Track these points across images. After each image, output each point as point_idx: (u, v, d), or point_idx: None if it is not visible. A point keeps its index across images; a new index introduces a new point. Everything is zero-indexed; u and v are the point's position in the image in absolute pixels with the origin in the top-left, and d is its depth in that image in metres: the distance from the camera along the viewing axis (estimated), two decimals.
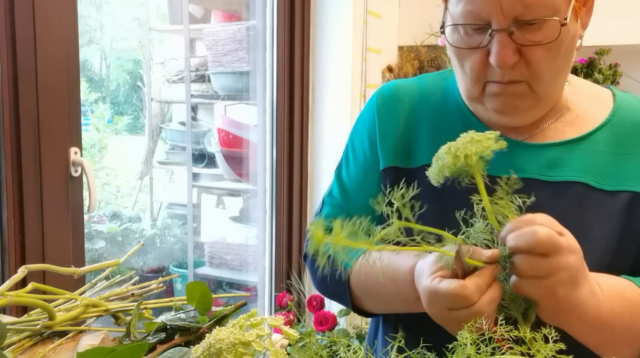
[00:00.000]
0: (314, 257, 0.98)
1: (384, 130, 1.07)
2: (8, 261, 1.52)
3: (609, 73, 2.71)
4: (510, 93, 0.92)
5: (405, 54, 2.99)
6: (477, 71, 0.92)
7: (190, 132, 3.07)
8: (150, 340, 0.83)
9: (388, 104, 1.09)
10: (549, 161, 0.96)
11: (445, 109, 1.05)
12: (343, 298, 1.06)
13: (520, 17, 0.85)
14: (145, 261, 3.46)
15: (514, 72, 0.89)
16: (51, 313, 0.84)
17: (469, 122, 1.02)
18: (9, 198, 1.50)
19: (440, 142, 0.98)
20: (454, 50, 0.94)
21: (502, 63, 0.87)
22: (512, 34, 0.86)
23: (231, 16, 3.07)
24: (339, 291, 1.06)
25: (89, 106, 3.39)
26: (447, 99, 1.06)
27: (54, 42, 1.56)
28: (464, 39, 0.91)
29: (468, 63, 0.92)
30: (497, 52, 0.87)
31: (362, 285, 1.02)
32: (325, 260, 0.76)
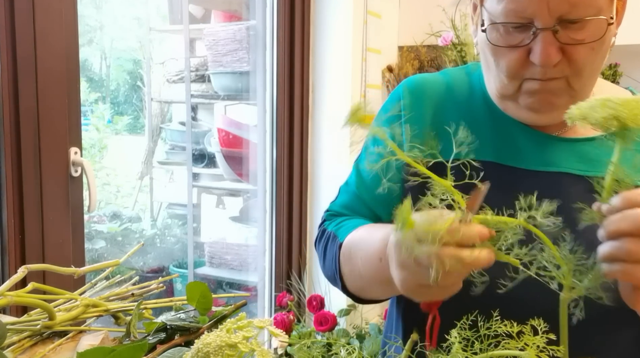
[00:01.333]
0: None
1: (412, 122, 1.05)
2: (8, 261, 1.52)
3: (609, 73, 2.70)
4: (549, 90, 0.91)
5: (405, 54, 2.99)
6: (515, 69, 0.91)
7: (190, 132, 3.07)
8: (150, 340, 0.83)
9: (414, 98, 1.07)
10: (582, 156, 0.96)
11: (471, 104, 1.05)
12: (335, 274, 1.03)
13: (565, 16, 0.85)
14: (145, 261, 3.46)
15: (554, 70, 0.89)
16: (51, 313, 0.84)
17: (497, 117, 1.02)
18: (9, 198, 1.50)
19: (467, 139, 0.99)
20: (491, 48, 0.93)
21: (546, 62, 0.87)
22: (557, 32, 0.86)
23: (231, 16, 3.07)
24: (332, 271, 1.04)
25: (89, 106, 3.39)
26: (473, 94, 1.06)
27: (54, 42, 1.56)
28: (504, 37, 0.90)
29: (505, 61, 0.92)
30: (541, 51, 0.87)
31: (346, 256, 1.00)
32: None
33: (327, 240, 1.06)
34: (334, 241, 1.03)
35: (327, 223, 1.10)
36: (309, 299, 2.56)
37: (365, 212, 1.08)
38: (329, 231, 1.07)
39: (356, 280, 0.99)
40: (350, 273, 0.99)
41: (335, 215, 1.11)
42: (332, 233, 1.05)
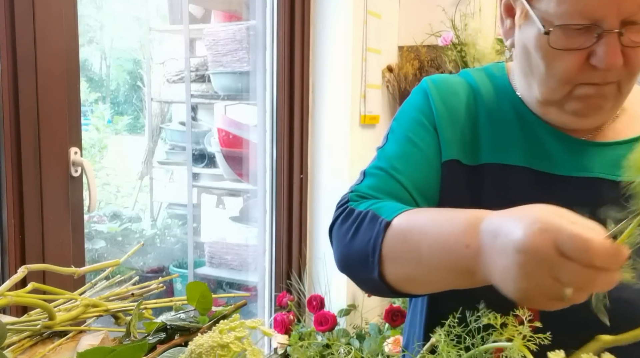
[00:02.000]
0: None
1: (443, 119, 1.01)
2: (8, 261, 1.52)
3: None
4: (602, 94, 0.89)
5: (405, 54, 2.99)
6: (572, 73, 0.88)
7: (190, 132, 3.07)
8: (150, 340, 0.83)
9: (444, 95, 1.03)
10: (614, 161, 0.93)
11: (499, 107, 1.02)
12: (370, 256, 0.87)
13: (629, 18, 0.83)
14: (145, 261, 3.46)
15: (612, 73, 0.87)
16: (51, 313, 0.84)
17: (526, 121, 1.00)
18: (9, 198, 1.50)
19: (499, 141, 0.98)
20: (545, 51, 0.89)
21: (612, 65, 0.84)
22: (621, 35, 0.84)
23: (231, 16, 3.07)
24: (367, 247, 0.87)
25: (89, 106, 3.39)
26: (499, 96, 1.03)
27: (54, 42, 1.56)
28: (562, 40, 0.86)
29: (561, 65, 0.88)
30: (607, 55, 0.84)
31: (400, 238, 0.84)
32: None
33: (361, 219, 0.91)
34: (375, 220, 0.88)
35: (354, 203, 0.96)
36: (309, 299, 2.56)
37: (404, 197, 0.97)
38: (363, 210, 0.92)
39: (409, 264, 0.84)
40: (401, 257, 0.84)
41: (364, 197, 0.97)
42: (370, 212, 0.90)
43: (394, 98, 3.00)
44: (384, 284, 0.86)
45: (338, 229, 0.96)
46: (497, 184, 0.96)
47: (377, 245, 0.85)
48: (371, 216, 0.89)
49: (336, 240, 0.96)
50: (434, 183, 0.99)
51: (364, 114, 2.74)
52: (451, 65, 2.80)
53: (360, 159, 2.72)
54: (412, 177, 0.97)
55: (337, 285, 2.68)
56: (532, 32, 0.91)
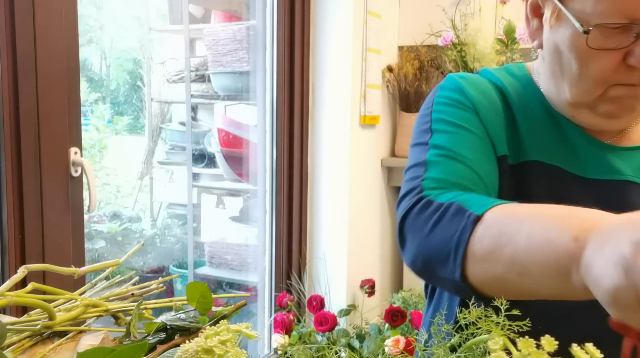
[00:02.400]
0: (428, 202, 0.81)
1: (487, 116, 0.97)
2: (8, 261, 1.52)
3: None
4: (635, 95, 0.89)
5: (405, 54, 2.99)
6: (607, 73, 0.87)
7: (190, 132, 3.07)
8: (150, 340, 0.83)
9: (481, 92, 0.99)
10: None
11: (530, 107, 1.01)
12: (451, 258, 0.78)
13: None
14: (145, 261, 3.47)
15: None
16: (51, 313, 0.84)
17: (557, 122, 0.99)
18: (9, 198, 1.50)
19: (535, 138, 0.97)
20: (581, 51, 0.87)
21: None
22: None
23: (231, 16, 3.07)
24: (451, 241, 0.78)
25: (89, 106, 3.39)
26: (528, 97, 1.02)
27: (54, 42, 1.56)
28: (599, 40, 0.85)
29: (597, 65, 0.87)
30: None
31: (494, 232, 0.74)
32: None
33: (443, 211, 0.81)
34: (461, 213, 0.79)
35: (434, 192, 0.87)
36: (309, 299, 2.56)
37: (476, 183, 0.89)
38: (444, 202, 0.83)
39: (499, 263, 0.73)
40: (491, 254, 0.74)
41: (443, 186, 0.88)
42: (454, 204, 0.81)
43: (394, 98, 3.00)
44: (467, 286, 0.78)
45: (414, 221, 0.85)
46: (535, 181, 0.95)
47: (463, 241, 0.76)
48: (456, 208, 0.80)
49: (411, 233, 0.86)
50: (494, 172, 0.94)
51: (364, 114, 2.74)
52: (451, 65, 2.80)
53: (360, 159, 2.72)
54: (481, 165, 0.91)
55: (337, 285, 2.68)
56: (566, 32, 0.89)
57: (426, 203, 0.84)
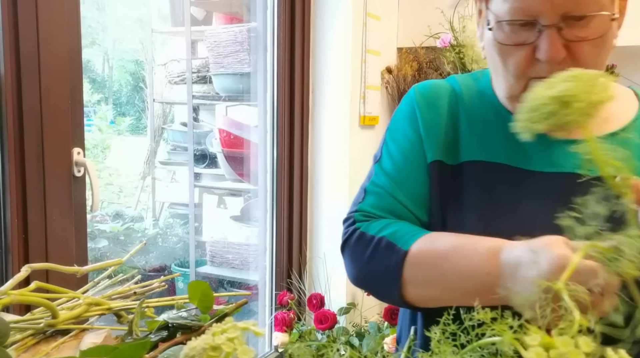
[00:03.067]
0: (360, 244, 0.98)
1: (427, 124, 1.06)
2: (11, 261, 1.53)
3: None
4: None
5: (404, 56, 3.00)
6: (522, 68, 0.93)
7: (191, 132, 3.08)
8: (152, 338, 0.83)
9: (428, 100, 1.08)
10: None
11: (481, 109, 1.06)
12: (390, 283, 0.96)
13: (569, 13, 0.87)
14: (147, 260, 3.48)
15: (560, 67, 0.89)
16: (54, 311, 0.85)
17: (506, 120, 1.01)
18: (12, 197, 1.51)
19: (480, 139, 1.03)
20: (499, 48, 0.95)
21: (551, 58, 0.89)
22: (561, 29, 0.88)
23: (232, 18, 3.08)
24: (387, 274, 0.96)
25: (92, 107, 3.40)
26: (482, 99, 1.07)
27: (56, 44, 1.57)
28: (510, 36, 0.92)
29: (512, 60, 0.94)
30: (546, 48, 0.89)
31: (422, 265, 0.93)
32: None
33: (376, 245, 0.99)
34: (391, 249, 0.96)
35: (364, 224, 1.04)
36: (309, 298, 2.57)
37: (403, 213, 1.05)
38: (374, 235, 1.00)
39: (432, 288, 0.94)
40: (423, 282, 0.94)
41: (371, 216, 1.05)
42: (382, 239, 0.98)
43: (393, 99, 3.01)
44: (407, 304, 0.96)
45: (352, 251, 1.03)
46: (477, 180, 1.00)
47: (398, 273, 0.94)
48: (386, 243, 0.97)
49: (351, 261, 1.03)
50: (426, 190, 1.05)
51: (364, 115, 2.75)
52: (449, 66, 2.81)
53: (359, 160, 2.73)
54: (408, 190, 1.04)
55: (336, 284, 2.69)
56: (489, 32, 0.96)
57: (360, 235, 1.02)
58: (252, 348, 0.59)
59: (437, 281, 0.92)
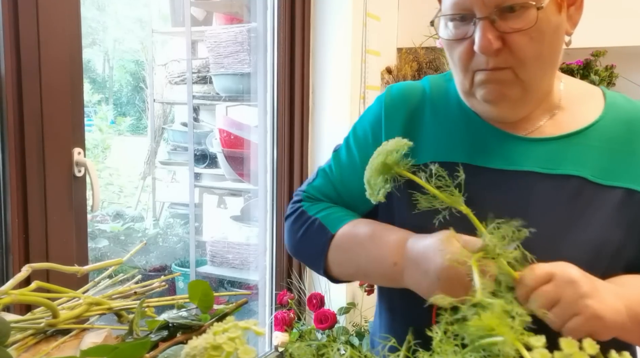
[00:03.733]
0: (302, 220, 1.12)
1: (389, 127, 1.10)
2: (12, 260, 1.53)
3: (605, 74, 2.71)
4: (496, 80, 0.95)
5: (404, 56, 3.00)
6: (464, 61, 0.95)
7: (192, 133, 3.08)
8: (153, 338, 0.83)
9: (395, 103, 1.11)
10: (546, 155, 0.99)
11: (447, 108, 1.08)
12: (317, 259, 1.10)
13: (500, 5, 0.89)
14: (147, 260, 3.48)
15: (498, 59, 0.92)
16: (55, 311, 0.85)
17: (470, 120, 1.05)
18: (13, 197, 1.51)
19: (442, 139, 1.05)
20: (445, 43, 0.99)
21: (484, 49, 0.91)
22: (494, 21, 0.90)
23: (232, 18, 3.08)
24: (315, 252, 1.10)
25: (92, 107, 3.41)
26: (448, 98, 1.09)
27: (57, 44, 1.57)
28: (453, 32, 0.95)
29: (457, 54, 0.96)
30: (479, 39, 0.91)
31: (343, 248, 1.06)
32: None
33: (308, 225, 1.12)
34: (322, 230, 1.09)
35: (306, 204, 1.16)
36: (309, 297, 2.57)
37: (339, 202, 1.16)
38: (311, 216, 1.13)
39: (349, 269, 1.08)
40: (343, 263, 1.08)
41: (313, 199, 1.18)
42: (316, 221, 1.11)
43: None
44: (332, 278, 1.12)
45: (291, 226, 1.17)
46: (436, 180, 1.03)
47: (323, 253, 1.08)
48: (318, 225, 1.10)
49: (288, 234, 1.18)
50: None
51: None
52: (449, 67, 2.80)
53: None
54: (352, 186, 1.13)
55: (336, 284, 2.69)
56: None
57: (300, 213, 1.15)
58: (253, 348, 0.59)
59: (353, 264, 1.06)
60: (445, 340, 0.72)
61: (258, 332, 0.64)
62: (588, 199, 0.95)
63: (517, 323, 0.67)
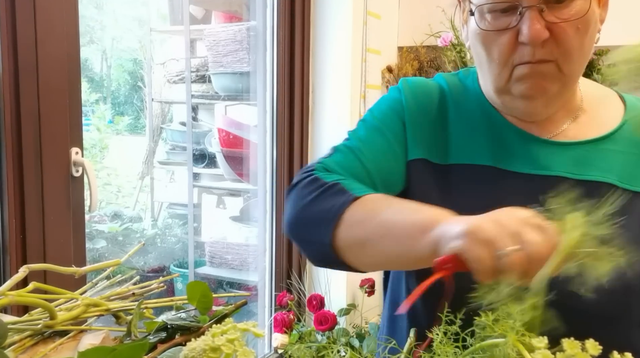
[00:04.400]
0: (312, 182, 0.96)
1: (414, 120, 1.05)
2: (9, 261, 1.53)
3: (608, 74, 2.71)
4: (539, 74, 0.92)
5: (405, 55, 2.99)
6: (506, 54, 0.93)
7: (190, 132, 3.07)
8: (151, 339, 0.83)
9: (416, 96, 1.07)
10: (575, 160, 0.97)
11: (468, 109, 1.06)
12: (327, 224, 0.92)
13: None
14: (146, 260, 3.47)
15: (544, 51, 0.90)
16: (53, 313, 0.84)
17: (492, 121, 1.03)
18: (10, 197, 1.51)
19: (467, 141, 1.03)
20: (482, 36, 0.95)
21: (534, 39, 0.88)
22: (542, 11, 0.88)
23: (231, 17, 3.07)
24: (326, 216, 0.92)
25: (90, 106, 3.40)
26: (468, 98, 1.07)
27: (55, 42, 1.56)
28: (492, 23, 0.92)
29: (496, 47, 0.93)
30: (528, 28, 0.88)
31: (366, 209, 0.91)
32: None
33: (327, 188, 0.95)
34: (342, 193, 0.93)
35: (321, 174, 1.00)
36: (309, 298, 2.56)
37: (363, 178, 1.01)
38: (328, 181, 0.96)
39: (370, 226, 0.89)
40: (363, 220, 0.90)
41: (330, 171, 1.02)
42: (338, 185, 0.95)
43: None
44: (331, 250, 0.92)
45: (299, 191, 0.98)
46: (464, 183, 1.01)
47: (340, 210, 0.90)
48: (339, 188, 0.94)
49: (294, 200, 0.99)
50: (396, 174, 1.03)
51: None
52: (450, 65, 2.80)
53: None
54: (377, 163, 1.02)
55: (337, 285, 2.68)
56: (472, 24, 0.96)
57: (313, 179, 0.98)
58: (252, 350, 0.59)
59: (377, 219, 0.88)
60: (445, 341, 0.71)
61: (257, 333, 0.63)
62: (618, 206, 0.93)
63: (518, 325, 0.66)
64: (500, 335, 0.66)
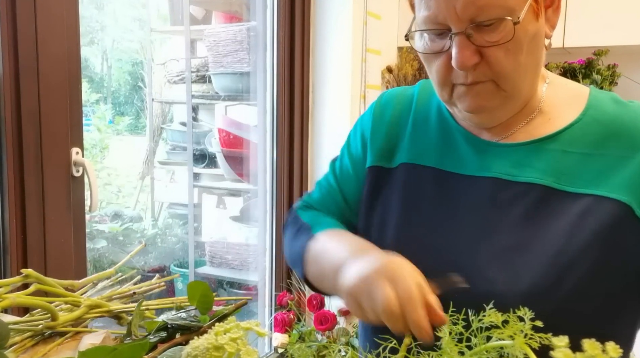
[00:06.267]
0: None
1: (374, 131, 1.12)
2: (10, 261, 1.53)
3: (607, 74, 2.71)
4: (476, 93, 0.93)
5: (405, 55, 2.99)
6: (443, 75, 0.94)
7: (191, 132, 3.07)
8: (152, 339, 0.83)
9: (383, 109, 1.13)
10: (514, 161, 0.97)
11: (428, 114, 1.08)
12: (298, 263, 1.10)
13: (475, 19, 0.87)
14: (146, 260, 3.47)
15: (477, 73, 0.91)
16: (54, 314, 0.85)
17: (446, 125, 1.05)
18: (10, 198, 1.51)
19: (417, 143, 1.07)
20: (422, 57, 0.97)
21: (461, 65, 0.89)
22: (470, 36, 0.88)
23: (232, 17, 3.07)
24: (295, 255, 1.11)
25: (91, 107, 3.40)
26: (430, 103, 1.09)
27: (55, 43, 1.57)
28: (429, 45, 0.93)
29: (435, 68, 0.94)
30: (456, 55, 0.89)
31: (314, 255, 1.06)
32: None
33: (299, 228, 1.14)
34: (307, 231, 1.10)
35: (301, 212, 1.19)
36: (309, 298, 2.57)
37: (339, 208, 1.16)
38: (304, 221, 1.14)
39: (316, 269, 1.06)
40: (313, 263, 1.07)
41: (309, 208, 1.20)
42: (307, 225, 1.13)
43: None
44: (308, 282, 1.10)
45: (287, 229, 1.19)
46: (408, 183, 1.05)
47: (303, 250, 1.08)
48: (307, 227, 1.12)
49: (285, 237, 1.20)
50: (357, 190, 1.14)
51: None
52: None
53: None
54: (348, 190, 1.15)
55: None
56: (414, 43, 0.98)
57: (295, 218, 1.18)
58: (255, 349, 0.59)
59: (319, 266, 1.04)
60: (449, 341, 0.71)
61: (260, 332, 0.63)
62: (551, 208, 0.92)
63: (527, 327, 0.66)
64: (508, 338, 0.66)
